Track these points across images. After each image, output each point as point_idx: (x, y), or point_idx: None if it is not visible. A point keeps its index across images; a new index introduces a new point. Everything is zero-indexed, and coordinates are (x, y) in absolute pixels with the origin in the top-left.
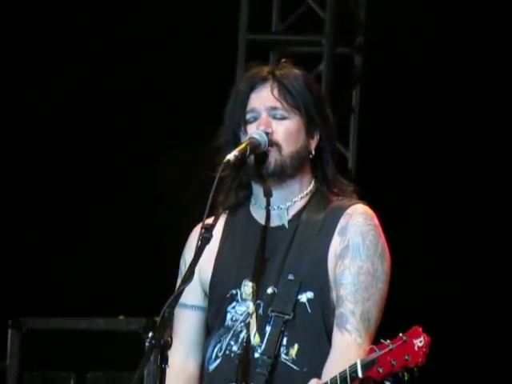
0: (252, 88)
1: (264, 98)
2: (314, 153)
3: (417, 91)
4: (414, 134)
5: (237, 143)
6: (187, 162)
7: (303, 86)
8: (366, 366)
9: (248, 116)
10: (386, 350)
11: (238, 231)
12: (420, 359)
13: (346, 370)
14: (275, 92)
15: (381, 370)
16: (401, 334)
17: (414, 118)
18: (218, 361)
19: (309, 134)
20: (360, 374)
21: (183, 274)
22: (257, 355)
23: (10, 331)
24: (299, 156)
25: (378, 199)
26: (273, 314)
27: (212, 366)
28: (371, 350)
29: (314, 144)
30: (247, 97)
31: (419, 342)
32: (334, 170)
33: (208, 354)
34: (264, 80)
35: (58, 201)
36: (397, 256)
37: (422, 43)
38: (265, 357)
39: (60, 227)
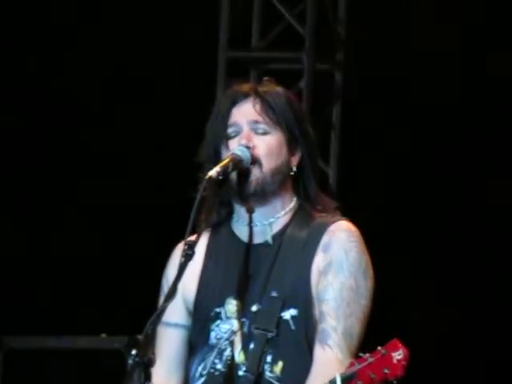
0: (234, 103)
1: (246, 112)
2: (295, 170)
3: (397, 107)
4: (396, 150)
5: (218, 159)
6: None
7: (285, 103)
8: (346, 379)
9: (230, 130)
10: (365, 363)
11: (221, 249)
12: (399, 372)
13: None
14: (257, 107)
15: None
16: (379, 348)
17: (394, 133)
18: (203, 379)
19: (290, 151)
20: None
21: (166, 292)
22: (241, 373)
23: None
24: (280, 172)
25: (360, 215)
26: (256, 331)
27: None
28: (351, 364)
29: (295, 161)
30: (229, 112)
31: (398, 355)
32: (316, 187)
33: (192, 373)
34: (246, 95)
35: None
36: (380, 272)
37: (402, 58)
38: (248, 374)
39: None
